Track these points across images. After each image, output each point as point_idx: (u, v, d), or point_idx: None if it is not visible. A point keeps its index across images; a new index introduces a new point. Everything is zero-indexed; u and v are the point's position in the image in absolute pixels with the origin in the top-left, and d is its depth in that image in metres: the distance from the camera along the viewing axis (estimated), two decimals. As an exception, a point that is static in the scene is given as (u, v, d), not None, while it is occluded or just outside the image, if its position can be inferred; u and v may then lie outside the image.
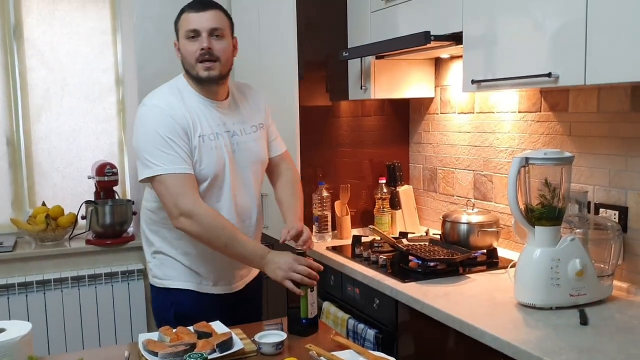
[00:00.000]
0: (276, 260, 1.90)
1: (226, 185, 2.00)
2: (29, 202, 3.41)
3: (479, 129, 2.57)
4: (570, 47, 1.68)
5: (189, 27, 1.93)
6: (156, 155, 1.88)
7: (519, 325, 1.68)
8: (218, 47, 1.94)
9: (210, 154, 1.95)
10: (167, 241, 2.06)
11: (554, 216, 1.80)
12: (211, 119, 1.99)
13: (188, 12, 1.95)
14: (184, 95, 1.99)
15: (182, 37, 1.95)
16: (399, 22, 2.43)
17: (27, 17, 3.33)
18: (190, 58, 1.94)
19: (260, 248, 1.96)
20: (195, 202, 1.88)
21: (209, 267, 2.05)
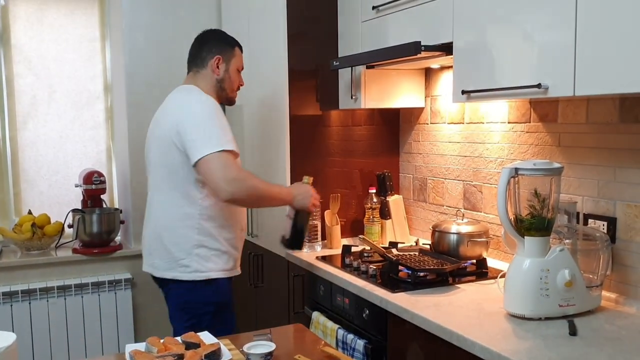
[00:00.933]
0: (301, 191, 2.32)
1: None
2: (15, 210, 3.38)
3: (469, 139, 2.58)
4: (560, 58, 1.69)
5: (242, 65, 2.44)
6: (216, 135, 2.15)
7: (508, 335, 1.68)
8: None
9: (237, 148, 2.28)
10: (207, 233, 2.27)
11: (544, 227, 1.80)
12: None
13: (240, 50, 2.44)
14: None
15: (235, 66, 2.40)
16: (389, 32, 2.44)
17: (14, 23, 3.31)
18: (234, 85, 2.42)
19: (285, 188, 2.41)
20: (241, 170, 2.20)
21: (238, 251, 2.41)
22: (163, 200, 2.30)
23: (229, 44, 2.39)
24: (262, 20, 2.94)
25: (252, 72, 3.08)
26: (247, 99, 3.16)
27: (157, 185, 2.34)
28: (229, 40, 2.41)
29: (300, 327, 2.06)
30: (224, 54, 2.36)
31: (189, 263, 2.27)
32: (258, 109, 3.05)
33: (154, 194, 2.37)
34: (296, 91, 2.77)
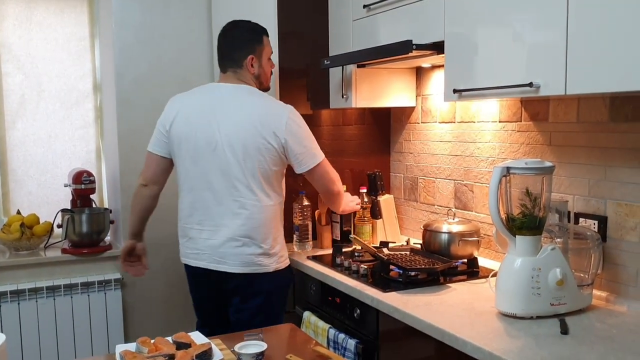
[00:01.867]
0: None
1: None
2: (3, 210, 3.34)
3: (460, 138, 2.58)
4: (551, 57, 1.70)
5: (271, 49, 2.43)
6: (316, 146, 2.38)
7: (500, 334, 1.68)
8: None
9: None
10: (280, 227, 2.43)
11: (535, 225, 1.81)
12: None
13: (266, 36, 2.42)
14: None
15: (267, 56, 2.40)
16: (380, 31, 2.44)
17: (3, 21, 3.27)
18: (268, 75, 2.43)
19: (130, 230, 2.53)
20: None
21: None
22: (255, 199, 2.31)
23: (257, 38, 2.39)
24: (253, 19, 2.92)
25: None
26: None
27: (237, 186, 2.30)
28: (256, 33, 2.40)
29: (291, 326, 2.05)
30: (256, 51, 2.37)
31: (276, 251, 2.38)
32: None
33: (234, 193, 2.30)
34: (287, 90, 2.76)
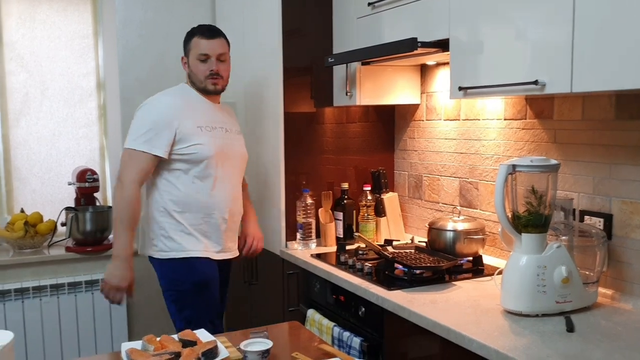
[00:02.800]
0: (119, 272, 2.30)
1: (221, 169, 2.43)
2: (7, 208, 3.35)
3: (465, 136, 2.58)
4: (557, 55, 1.69)
5: (201, 51, 2.42)
6: (133, 134, 2.34)
7: (505, 332, 1.68)
8: (222, 68, 2.47)
9: (208, 140, 2.38)
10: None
11: (541, 223, 1.80)
12: (208, 115, 2.45)
13: (199, 37, 2.43)
14: (189, 95, 2.47)
15: (194, 57, 2.43)
16: (384, 29, 2.43)
17: (6, 19, 3.27)
18: (200, 75, 2.44)
19: (127, 251, 2.30)
20: (130, 181, 2.29)
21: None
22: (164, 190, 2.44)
23: (186, 39, 2.47)
24: (257, 17, 2.93)
25: (246, 69, 3.06)
26: (241, 96, 3.15)
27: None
28: (187, 36, 2.47)
29: (296, 324, 2.06)
30: (185, 51, 2.48)
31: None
32: (252, 105, 3.03)
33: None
34: (290, 88, 2.76)
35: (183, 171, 2.38)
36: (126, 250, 2.30)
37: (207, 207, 2.41)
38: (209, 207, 2.42)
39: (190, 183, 2.39)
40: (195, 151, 2.36)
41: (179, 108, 2.39)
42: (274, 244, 2.84)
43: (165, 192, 2.40)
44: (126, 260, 2.30)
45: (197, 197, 2.39)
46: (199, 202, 2.40)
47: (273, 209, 2.84)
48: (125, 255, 2.30)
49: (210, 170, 2.40)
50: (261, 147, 2.94)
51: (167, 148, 2.33)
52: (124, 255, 2.30)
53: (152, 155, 2.31)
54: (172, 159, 2.36)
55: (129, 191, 2.29)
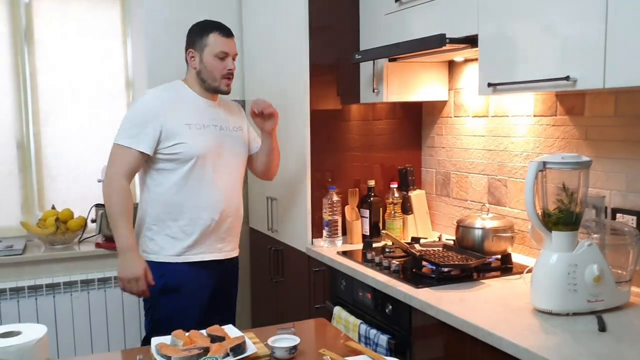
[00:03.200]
0: (128, 263, 2.27)
1: (211, 168, 2.37)
2: (38, 205, 3.41)
3: (494, 132, 2.55)
4: (589, 50, 1.66)
5: (221, 48, 2.37)
6: (120, 129, 2.33)
7: (535, 331, 1.66)
8: (234, 68, 2.44)
9: (196, 139, 2.33)
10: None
11: (572, 221, 1.78)
12: (201, 113, 2.40)
13: (218, 34, 2.38)
14: (179, 92, 2.41)
15: (210, 54, 2.37)
16: (412, 25, 2.42)
17: (37, 19, 3.33)
18: (216, 73, 2.38)
19: (130, 241, 2.28)
20: (114, 174, 2.28)
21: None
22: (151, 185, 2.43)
23: (200, 33, 2.39)
24: (284, 14, 2.93)
25: (272, 66, 3.07)
26: (267, 93, 3.16)
27: None
28: (200, 29, 2.40)
29: (322, 321, 2.06)
30: (195, 45, 2.39)
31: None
32: (278, 102, 3.03)
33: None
34: (317, 85, 2.76)
35: (170, 171, 2.33)
36: (128, 240, 2.27)
37: (195, 208, 2.36)
38: (198, 208, 2.36)
39: (178, 183, 2.33)
40: (180, 150, 2.30)
41: (167, 104, 2.34)
42: (300, 241, 2.84)
43: (154, 193, 2.36)
44: (131, 250, 2.27)
45: (185, 197, 2.34)
46: (187, 203, 2.35)
47: (299, 206, 2.85)
48: (129, 245, 2.27)
49: (198, 170, 2.34)
50: (287, 145, 2.94)
51: (152, 144, 2.28)
52: (127, 245, 2.27)
53: (136, 151, 2.27)
54: (157, 158, 2.32)
55: (116, 182, 2.27)
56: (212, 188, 2.38)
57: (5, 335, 1.46)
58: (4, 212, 3.33)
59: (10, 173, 3.33)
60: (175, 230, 2.36)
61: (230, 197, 2.44)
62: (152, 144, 2.29)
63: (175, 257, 2.38)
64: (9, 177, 3.33)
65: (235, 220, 2.51)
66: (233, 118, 2.53)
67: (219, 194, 2.40)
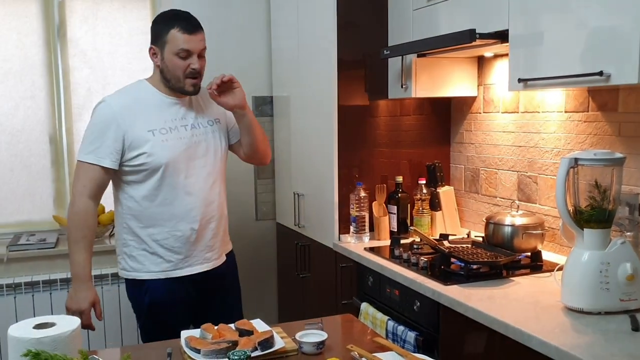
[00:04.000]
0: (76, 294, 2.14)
1: (182, 175, 2.20)
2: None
3: (524, 128, 2.52)
4: (623, 44, 1.63)
5: (181, 46, 2.14)
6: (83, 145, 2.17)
7: (566, 329, 1.64)
8: (202, 65, 2.22)
9: (160, 146, 2.16)
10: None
11: (604, 218, 1.75)
12: (166, 114, 2.21)
13: (179, 30, 2.14)
14: (139, 94, 2.23)
15: (171, 52, 2.15)
16: (441, 20, 2.40)
17: (70, 17, 3.39)
18: (178, 72, 2.16)
19: (83, 270, 2.15)
20: (79, 192, 2.14)
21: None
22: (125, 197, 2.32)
23: (160, 29, 2.17)
24: (312, 10, 2.93)
25: (300, 62, 3.08)
26: (294, 89, 3.17)
27: None
28: (161, 23, 2.19)
29: (349, 317, 2.06)
30: (157, 42, 2.19)
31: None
32: (306, 99, 3.05)
33: None
34: (345, 81, 2.76)
35: (139, 183, 2.18)
36: (82, 269, 2.13)
37: (171, 219, 2.20)
38: (174, 219, 2.21)
39: (149, 195, 2.18)
40: (144, 161, 2.14)
41: (126, 110, 2.16)
42: (327, 237, 2.85)
43: (126, 207, 2.22)
44: (83, 280, 2.13)
45: (158, 210, 2.19)
46: (162, 215, 2.20)
47: (326, 202, 2.85)
48: (81, 274, 2.13)
49: (169, 179, 2.18)
50: (315, 140, 2.95)
51: (115, 157, 2.13)
52: (80, 274, 2.13)
53: (99, 167, 2.13)
54: (124, 170, 2.18)
55: (78, 205, 2.13)
56: (186, 196, 2.22)
57: (40, 326, 1.49)
58: (37, 206, 3.40)
59: (43, 168, 3.40)
60: (153, 245, 2.21)
61: (209, 200, 2.27)
62: (115, 157, 2.13)
63: (157, 273, 2.23)
64: (42, 171, 3.39)
65: (220, 222, 2.34)
66: (208, 111, 2.33)
67: (194, 201, 2.23)
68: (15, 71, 3.30)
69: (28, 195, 3.38)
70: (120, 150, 2.13)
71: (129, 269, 2.27)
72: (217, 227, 2.32)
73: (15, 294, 3.06)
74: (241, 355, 1.38)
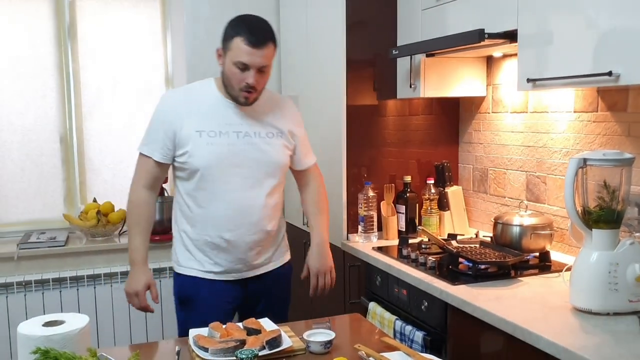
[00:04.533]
0: (132, 276, 2.17)
1: (220, 181, 2.11)
2: (80, 198, 3.49)
3: (533, 128, 2.51)
4: (633, 44, 1.62)
5: (240, 58, 2.01)
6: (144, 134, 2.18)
7: (575, 330, 1.63)
8: (261, 81, 2.07)
9: (203, 149, 2.09)
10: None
11: (613, 219, 1.74)
12: (219, 117, 2.12)
13: (244, 41, 2.00)
14: (200, 93, 2.16)
15: (230, 60, 2.03)
16: (450, 20, 2.40)
17: (81, 17, 3.41)
18: (233, 82, 2.06)
19: (138, 254, 2.17)
20: (136, 182, 2.18)
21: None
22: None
23: (229, 34, 2.06)
24: (321, 10, 2.94)
25: (309, 62, 3.08)
26: (303, 88, 3.17)
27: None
28: (230, 28, 2.07)
29: (357, 316, 2.06)
30: (224, 44, 2.08)
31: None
32: (314, 98, 3.05)
33: None
34: (353, 80, 2.76)
35: (184, 180, 2.16)
36: (137, 254, 2.15)
37: (203, 223, 2.16)
38: (205, 224, 2.15)
39: (190, 194, 2.16)
40: (186, 160, 2.11)
41: (182, 106, 2.12)
42: (335, 236, 2.85)
43: (176, 202, 2.23)
44: (137, 263, 2.15)
45: (194, 210, 2.16)
46: (196, 216, 2.16)
47: (335, 201, 2.85)
48: (136, 258, 2.15)
49: (206, 183, 2.12)
50: (323, 140, 2.95)
51: (166, 152, 2.11)
52: (134, 259, 2.15)
53: (153, 160, 2.13)
54: (174, 165, 2.17)
55: (134, 194, 2.17)
56: (220, 202, 2.13)
57: (49, 324, 1.50)
58: (48, 204, 3.43)
59: (54, 166, 3.42)
60: (187, 242, 2.20)
61: (249, 212, 2.15)
62: (165, 152, 2.12)
63: (188, 269, 2.21)
64: (52, 170, 3.42)
65: (264, 239, 2.21)
66: (270, 121, 2.18)
67: (229, 210, 2.13)
68: (27, 71, 3.33)
69: (39, 194, 3.41)
70: (170, 146, 2.12)
71: (173, 260, 2.30)
72: (258, 243, 2.19)
73: (25, 291, 3.09)
74: (249, 354, 1.39)
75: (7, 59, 3.30)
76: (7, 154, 3.34)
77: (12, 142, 3.34)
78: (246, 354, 1.38)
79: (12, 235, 3.33)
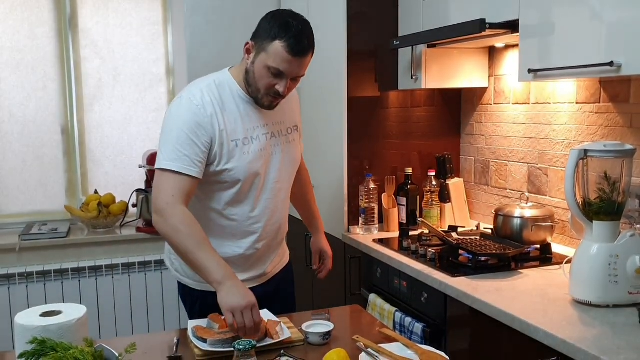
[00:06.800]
0: (236, 292, 1.68)
1: (258, 188, 1.94)
2: (82, 189, 3.50)
3: (535, 120, 2.50)
4: (635, 35, 1.61)
5: (277, 65, 1.79)
6: (167, 150, 1.82)
7: (574, 322, 1.63)
8: (291, 88, 1.89)
9: (242, 158, 1.88)
10: None
11: (613, 211, 1.73)
12: (248, 119, 1.91)
13: (285, 48, 1.77)
14: (225, 95, 1.90)
15: (263, 62, 1.81)
16: (451, 10, 2.38)
17: (82, 8, 3.40)
18: (260, 85, 1.85)
19: (227, 269, 1.74)
20: (171, 202, 1.78)
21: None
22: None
23: (268, 34, 1.80)
24: (322, 1, 2.92)
25: (311, 54, 3.06)
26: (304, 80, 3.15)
27: None
28: (270, 26, 1.80)
29: (357, 308, 2.06)
30: (258, 40, 1.83)
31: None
32: (315, 90, 3.04)
33: None
34: (355, 72, 2.75)
35: (214, 192, 1.92)
36: (226, 269, 1.73)
37: (232, 235, 1.96)
38: (234, 236, 1.96)
39: (221, 207, 1.93)
40: (223, 176, 1.88)
41: (216, 113, 1.85)
42: (336, 228, 2.84)
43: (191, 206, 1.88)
44: (234, 277, 1.73)
45: (225, 223, 1.95)
46: (228, 228, 1.96)
47: (336, 194, 2.85)
48: (229, 273, 1.73)
49: (239, 195, 1.92)
50: (324, 131, 2.94)
51: (201, 167, 1.83)
52: (228, 273, 1.72)
53: (188, 176, 1.80)
54: (205, 180, 1.88)
55: (176, 217, 1.76)
56: (256, 212, 1.97)
57: (47, 314, 1.50)
58: (49, 196, 3.43)
59: (55, 158, 3.42)
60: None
61: (278, 218, 2.03)
62: (202, 168, 1.83)
63: (194, 282, 2.01)
64: (53, 162, 3.42)
65: (275, 244, 2.08)
66: (287, 117, 2.02)
67: (264, 217, 1.98)
68: (27, 62, 3.33)
69: (40, 186, 3.41)
70: (205, 159, 1.84)
71: (179, 273, 2.07)
72: (268, 249, 2.06)
73: (27, 282, 3.10)
74: (247, 345, 1.38)
75: (8, 50, 3.30)
76: (9, 145, 3.34)
77: (13, 133, 3.34)
78: (244, 345, 1.38)
79: (14, 227, 3.34)
